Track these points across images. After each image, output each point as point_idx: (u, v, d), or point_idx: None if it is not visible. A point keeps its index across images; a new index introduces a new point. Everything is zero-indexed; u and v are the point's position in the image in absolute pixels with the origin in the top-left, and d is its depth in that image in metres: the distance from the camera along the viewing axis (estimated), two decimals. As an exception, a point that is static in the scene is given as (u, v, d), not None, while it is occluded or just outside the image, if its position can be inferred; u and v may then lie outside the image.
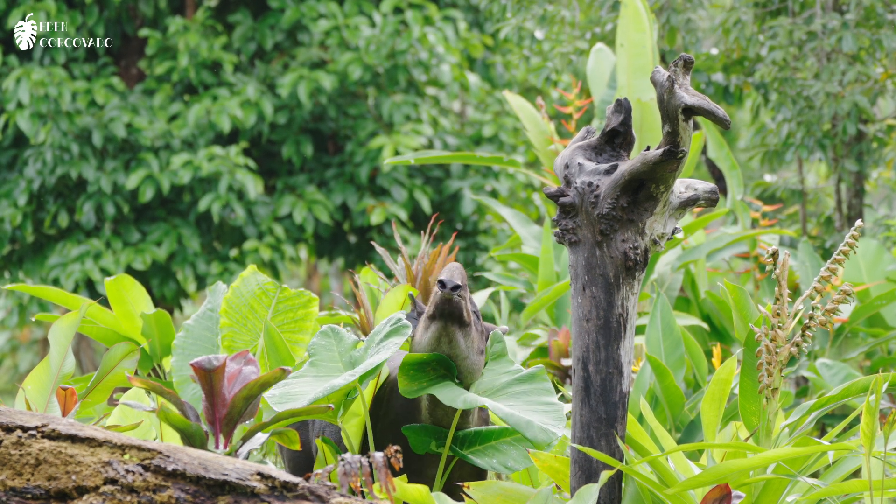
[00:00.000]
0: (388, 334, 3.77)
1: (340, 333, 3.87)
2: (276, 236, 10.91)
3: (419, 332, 3.76)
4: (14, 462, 2.86)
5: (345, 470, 3.00)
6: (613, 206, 3.28)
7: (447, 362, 3.71)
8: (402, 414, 3.80)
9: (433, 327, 3.71)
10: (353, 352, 3.82)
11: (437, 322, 3.70)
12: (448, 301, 3.66)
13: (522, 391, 3.72)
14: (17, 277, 11.25)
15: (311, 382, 3.69)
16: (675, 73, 3.21)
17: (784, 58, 7.83)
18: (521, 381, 3.75)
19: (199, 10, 11.13)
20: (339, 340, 3.86)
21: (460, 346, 3.71)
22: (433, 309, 3.71)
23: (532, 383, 3.73)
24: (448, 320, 3.69)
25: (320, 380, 3.71)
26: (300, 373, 3.73)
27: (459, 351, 3.71)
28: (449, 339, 3.70)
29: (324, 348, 3.83)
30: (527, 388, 3.72)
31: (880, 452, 3.21)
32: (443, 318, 3.68)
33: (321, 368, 3.77)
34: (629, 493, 3.35)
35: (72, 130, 10.56)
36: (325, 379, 3.72)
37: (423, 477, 3.77)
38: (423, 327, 3.74)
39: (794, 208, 8.69)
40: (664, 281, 6.53)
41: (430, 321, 3.72)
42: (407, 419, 3.79)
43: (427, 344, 3.72)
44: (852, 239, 3.32)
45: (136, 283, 5.00)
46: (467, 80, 11.42)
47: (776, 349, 3.30)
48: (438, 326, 3.70)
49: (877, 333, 6.30)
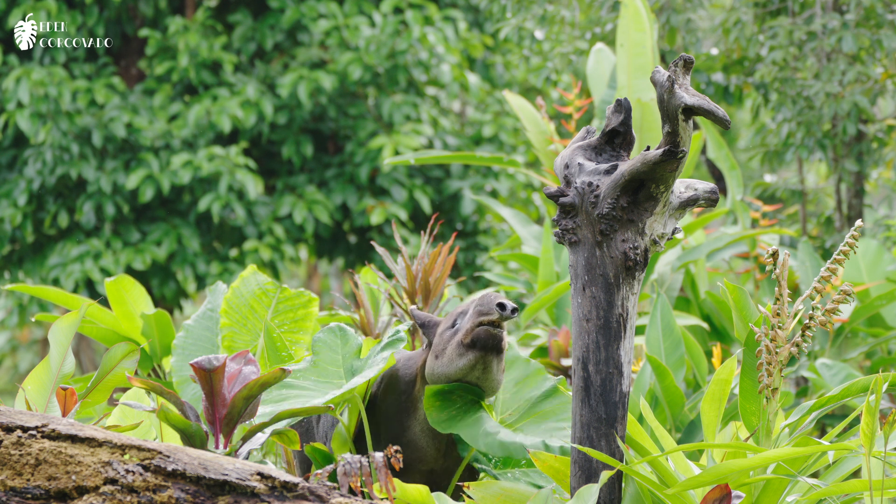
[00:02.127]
0: (383, 347, 3.74)
1: (347, 335, 3.83)
2: (276, 236, 10.91)
3: (449, 356, 3.63)
4: (14, 462, 2.86)
5: (345, 470, 3.00)
6: (613, 206, 3.27)
7: (472, 389, 3.64)
8: (395, 409, 3.78)
9: (470, 356, 3.60)
10: (354, 361, 3.78)
11: (475, 352, 3.59)
12: (493, 336, 3.56)
13: (549, 410, 3.69)
14: (17, 277, 11.25)
15: (310, 388, 3.67)
16: (675, 73, 3.21)
17: (784, 58, 7.83)
18: (545, 398, 3.72)
19: (199, 10, 11.13)
20: (344, 342, 3.82)
21: (492, 373, 3.63)
22: (473, 338, 3.58)
23: (555, 398, 3.71)
24: (490, 352, 3.60)
25: (319, 385, 3.69)
26: (301, 370, 3.72)
27: (491, 376, 3.64)
28: (484, 367, 3.61)
29: (328, 348, 3.79)
30: (553, 406, 3.69)
31: (880, 452, 3.21)
32: (485, 349, 3.58)
33: (321, 371, 3.74)
34: (629, 493, 3.35)
35: (72, 130, 10.56)
36: (323, 385, 3.69)
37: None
38: (457, 353, 3.61)
39: (794, 208, 8.70)
40: (664, 281, 6.53)
41: (466, 349, 3.60)
42: (401, 414, 3.76)
43: (458, 370, 3.61)
44: (852, 239, 3.32)
45: (136, 283, 5.01)
46: (467, 80, 11.42)
47: (776, 349, 3.30)
48: (476, 356, 3.59)
49: (877, 333, 6.30)
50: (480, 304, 3.61)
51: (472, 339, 3.58)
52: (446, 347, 3.65)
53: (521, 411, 3.73)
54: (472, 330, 3.59)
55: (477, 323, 3.59)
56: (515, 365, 3.84)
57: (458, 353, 3.61)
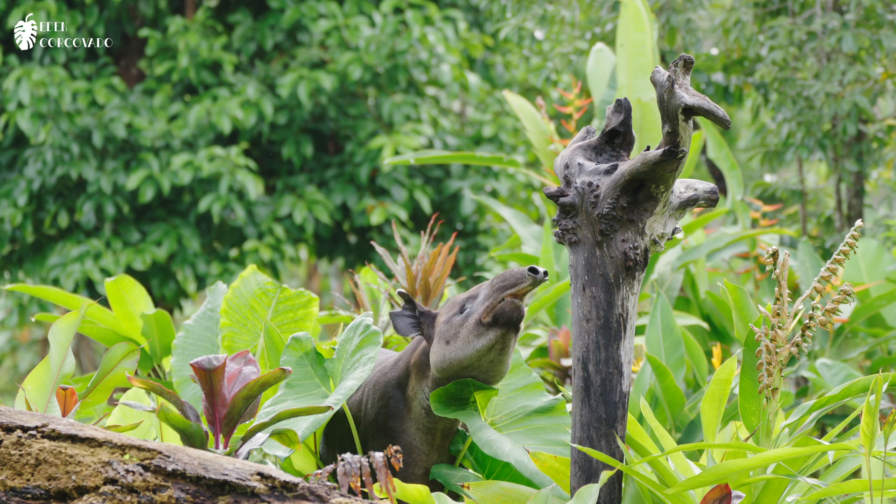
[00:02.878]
0: (360, 344, 3.65)
1: (302, 342, 3.73)
2: (276, 236, 10.91)
3: (465, 339, 3.53)
4: (14, 462, 2.86)
5: (345, 470, 3.00)
6: (613, 206, 3.27)
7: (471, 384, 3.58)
8: (384, 417, 3.75)
9: (490, 335, 3.50)
10: (326, 364, 3.70)
11: (497, 330, 3.48)
12: (517, 309, 3.46)
13: (541, 427, 3.62)
14: (17, 277, 11.25)
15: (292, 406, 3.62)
16: (675, 73, 3.21)
17: (784, 58, 7.83)
18: (541, 414, 3.65)
19: (199, 10, 11.13)
20: (306, 352, 3.72)
21: (507, 355, 3.54)
22: (496, 314, 3.48)
23: (552, 417, 3.64)
24: (511, 328, 3.50)
25: (301, 402, 3.64)
26: (279, 397, 3.64)
27: (505, 358, 3.55)
28: (502, 348, 3.52)
29: (296, 365, 3.71)
30: (546, 424, 3.63)
31: (880, 452, 3.21)
32: (507, 325, 3.48)
33: (298, 388, 3.66)
34: (629, 493, 3.35)
35: (72, 130, 10.56)
36: (305, 399, 3.62)
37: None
38: (474, 334, 3.51)
39: (794, 208, 8.70)
40: (664, 281, 6.53)
41: (486, 328, 3.49)
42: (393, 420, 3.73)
43: (474, 352, 3.52)
44: (852, 239, 3.32)
45: (136, 283, 5.00)
46: (467, 80, 11.42)
47: (776, 349, 3.30)
48: (498, 335, 3.49)
49: (877, 333, 6.30)
50: (503, 279, 3.49)
51: (494, 316, 3.48)
52: (459, 331, 3.55)
53: (513, 418, 3.65)
54: (494, 306, 3.49)
55: (500, 298, 3.48)
56: (518, 372, 3.77)
57: (476, 334, 3.52)
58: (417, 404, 3.69)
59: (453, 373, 3.59)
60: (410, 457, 3.70)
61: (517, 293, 3.49)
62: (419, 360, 3.72)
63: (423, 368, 3.70)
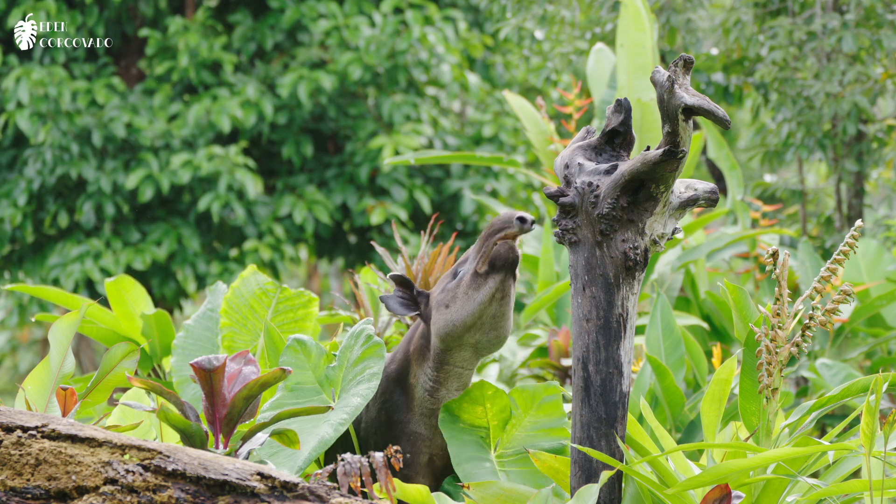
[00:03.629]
0: (362, 356, 3.62)
1: (307, 346, 3.70)
2: (276, 236, 10.91)
3: (464, 296, 3.50)
4: (14, 462, 2.86)
5: (345, 470, 3.00)
6: (613, 206, 3.27)
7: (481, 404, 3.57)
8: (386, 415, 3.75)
9: (490, 283, 3.47)
10: (326, 370, 3.67)
11: (496, 276, 3.46)
12: (512, 250, 3.43)
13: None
14: (17, 277, 11.25)
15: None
16: (675, 73, 3.21)
17: (784, 58, 7.83)
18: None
19: (199, 10, 11.13)
20: (307, 355, 3.70)
21: (509, 305, 3.48)
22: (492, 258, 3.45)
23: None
24: (509, 272, 3.45)
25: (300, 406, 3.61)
26: (277, 401, 3.62)
27: (507, 309, 3.51)
28: (503, 295, 3.48)
29: (295, 366, 3.68)
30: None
31: (880, 452, 3.21)
32: (504, 269, 3.45)
33: (297, 393, 3.64)
34: (629, 493, 3.35)
35: (72, 130, 10.56)
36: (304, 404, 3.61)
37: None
38: (473, 287, 3.50)
39: (794, 208, 8.70)
40: (664, 281, 6.53)
41: (483, 278, 3.47)
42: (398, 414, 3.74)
43: (477, 306, 3.50)
44: (852, 239, 3.32)
45: (136, 283, 5.00)
46: (467, 80, 11.42)
47: (776, 349, 3.30)
48: (497, 281, 3.46)
49: (877, 333, 6.30)
50: (490, 226, 3.48)
51: (490, 261, 3.47)
52: (456, 293, 3.55)
53: (522, 457, 3.64)
54: (487, 253, 3.47)
55: (492, 244, 3.47)
56: (551, 412, 3.71)
57: (475, 286, 3.51)
58: (420, 388, 3.69)
59: (457, 337, 3.58)
60: (415, 446, 3.70)
61: (506, 236, 3.49)
62: (418, 344, 3.71)
63: (424, 351, 3.69)
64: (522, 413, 3.70)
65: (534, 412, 3.71)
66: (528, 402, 3.70)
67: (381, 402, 3.75)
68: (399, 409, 3.74)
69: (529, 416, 3.70)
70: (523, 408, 3.70)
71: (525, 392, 3.70)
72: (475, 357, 3.68)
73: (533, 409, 3.71)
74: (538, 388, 3.70)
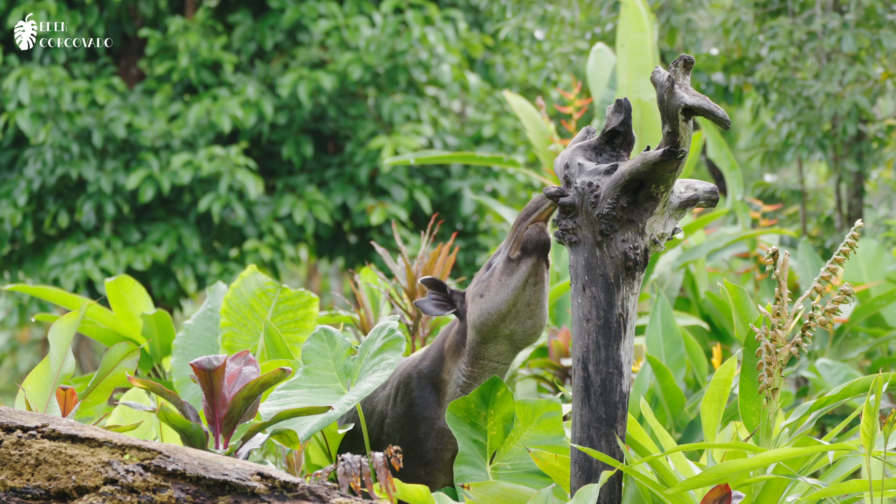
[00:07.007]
0: (381, 348, 3.64)
1: (334, 337, 3.74)
2: (276, 236, 10.91)
3: (498, 283, 3.48)
4: (14, 462, 2.86)
5: (345, 470, 3.00)
6: (613, 206, 3.27)
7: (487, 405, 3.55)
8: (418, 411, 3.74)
9: (523, 267, 3.46)
10: (346, 361, 3.69)
11: (528, 259, 3.43)
12: (543, 231, 3.39)
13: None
14: (17, 277, 11.25)
15: (306, 395, 3.63)
16: (675, 73, 3.21)
17: (784, 58, 7.83)
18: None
19: (199, 10, 11.13)
20: (332, 344, 3.73)
21: (544, 291, 3.45)
22: (524, 243, 3.42)
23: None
24: (541, 255, 3.42)
25: (315, 392, 3.63)
26: (294, 382, 3.64)
27: (541, 296, 3.48)
28: (536, 280, 3.46)
29: (317, 353, 3.71)
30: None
31: (880, 452, 3.21)
32: (536, 251, 3.42)
33: (315, 378, 3.66)
34: (629, 493, 3.35)
35: (72, 130, 10.56)
36: (319, 391, 3.62)
37: (436, 485, 3.73)
38: (506, 273, 3.48)
39: (794, 208, 8.70)
40: (664, 281, 6.53)
41: (516, 263, 3.46)
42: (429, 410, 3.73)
43: (511, 292, 3.48)
44: (852, 239, 3.32)
45: (136, 283, 5.01)
46: (467, 80, 11.42)
47: (776, 349, 3.30)
48: (529, 265, 3.44)
49: (877, 333, 6.30)
50: (523, 212, 3.45)
51: (522, 246, 3.46)
52: (490, 281, 3.54)
53: (519, 470, 3.64)
54: (519, 238, 3.46)
55: (524, 227, 3.45)
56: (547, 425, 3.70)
57: (508, 273, 3.50)
58: (453, 384, 3.69)
59: (492, 327, 3.58)
60: (441, 442, 3.70)
61: (539, 217, 3.48)
62: (454, 340, 3.71)
63: (459, 347, 3.69)
64: (522, 427, 3.69)
65: (533, 427, 3.70)
66: (528, 417, 3.69)
67: (409, 399, 3.75)
68: (429, 406, 3.73)
69: (528, 430, 3.69)
70: (523, 422, 3.69)
71: (526, 406, 3.69)
72: (511, 351, 3.67)
73: (533, 423, 3.70)
74: (540, 404, 3.69)
